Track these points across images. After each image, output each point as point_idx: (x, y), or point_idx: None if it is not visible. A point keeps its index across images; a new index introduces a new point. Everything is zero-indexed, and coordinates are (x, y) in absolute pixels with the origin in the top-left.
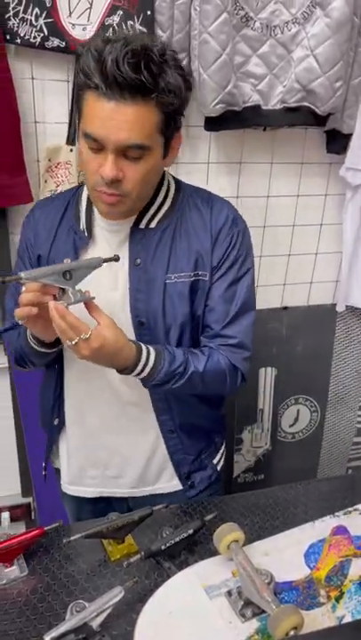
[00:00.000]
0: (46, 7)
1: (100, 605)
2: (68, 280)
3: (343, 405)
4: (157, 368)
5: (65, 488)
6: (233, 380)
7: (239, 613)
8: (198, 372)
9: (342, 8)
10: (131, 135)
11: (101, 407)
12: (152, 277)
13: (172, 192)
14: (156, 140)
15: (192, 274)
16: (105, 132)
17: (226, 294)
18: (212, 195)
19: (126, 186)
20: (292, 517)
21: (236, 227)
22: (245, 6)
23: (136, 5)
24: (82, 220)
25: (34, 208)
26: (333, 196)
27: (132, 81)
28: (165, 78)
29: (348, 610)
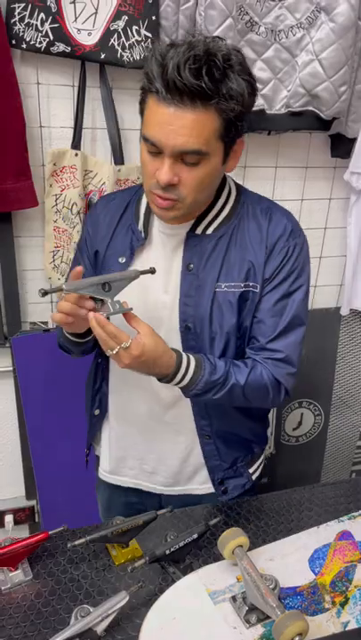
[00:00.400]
0: (52, 12)
1: (104, 610)
2: (107, 292)
3: (347, 409)
4: (197, 377)
5: (102, 475)
6: (276, 395)
7: (244, 619)
8: (240, 384)
9: (347, 13)
10: (188, 141)
11: (142, 405)
12: (203, 284)
13: (232, 199)
14: (215, 146)
15: (242, 284)
16: (163, 137)
17: (276, 307)
18: (273, 204)
19: (182, 191)
20: (297, 522)
21: (294, 239)
22: (250, 11)
23: (141, 11)
24: (140, 220)
25: (96, 203)
26: (338, 200)
27: (191, 87)
28: (227, 84)
29: (352, 616)
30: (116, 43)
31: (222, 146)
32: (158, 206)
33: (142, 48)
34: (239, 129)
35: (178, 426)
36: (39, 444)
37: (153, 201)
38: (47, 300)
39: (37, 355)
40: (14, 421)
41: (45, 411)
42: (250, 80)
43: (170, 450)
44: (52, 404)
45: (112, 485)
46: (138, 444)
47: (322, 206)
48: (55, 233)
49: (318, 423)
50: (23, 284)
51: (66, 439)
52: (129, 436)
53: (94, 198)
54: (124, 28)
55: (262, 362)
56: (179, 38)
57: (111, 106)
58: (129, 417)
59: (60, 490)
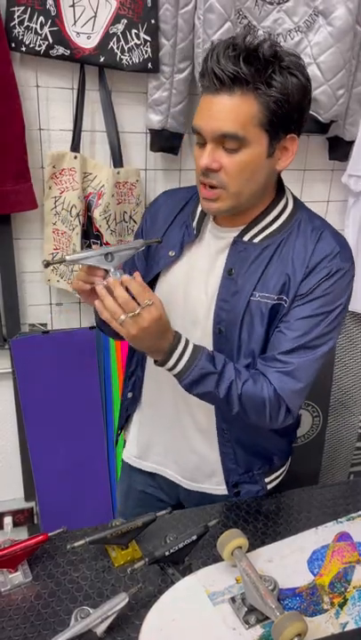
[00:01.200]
0: (51, 16)
1: (104, 612)
2: (109, 261)
3: (345, 411)
4: (193, 361)
5: (128, 458)
6: (274, 412)
7: (243, 620)
8: (237, 388)
9: (345, 17)
10: (224, 124)
11: (171, 396)
12: (239, 290)
13: (287, 212)
14: (255, 133)
15: (276, 297)
16: (203, 123)
17: (302, 322)
18: (327, 226)
19: (223, 177)
20: (296, 523)
21: (340, 262)
22: (248, 15)
23: (140, 14)
24: (196, 218)
25: (160, 195)
26: (336, 203)
27: (227, 72)
28: (268, 73)
29: (351, 617)
30: (115, 46)
31: (265, 136)
32: (204, 197)
33: (141, 51)
34: (287, 122)
35: (201, 423)
36: (38, 445)
37: (200, 193)
38: (46, 302)
39: (36, 356)
40: (13, 423)
41: (44, 412)
42: (300, 77)
43: (191, 444)
44: (51, 406)
45: (134, 471)
46: (164, 432)
47: (320, 209)
48: (54, 235)
49: (317, 425)
50: (22, 285)
51: (65, 441)
52: (157, 424)
53: (93, 201)
54: (123, 32)
55: (268, 374)
56: (178, 42)
57: (110, 109)
58: (159, 405)
59: (58, 492)
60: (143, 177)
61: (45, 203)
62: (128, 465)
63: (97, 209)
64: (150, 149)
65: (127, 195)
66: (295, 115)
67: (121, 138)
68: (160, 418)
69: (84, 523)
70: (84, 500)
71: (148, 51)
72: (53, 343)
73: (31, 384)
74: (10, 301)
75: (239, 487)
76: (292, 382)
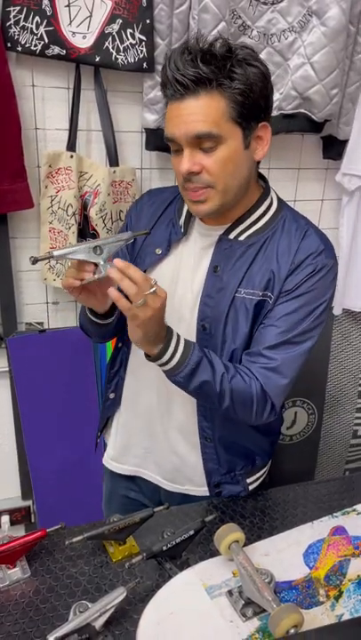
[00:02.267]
0: (47, 16)
1: (102, 606)
2: (98, 255)
3: (340, 408)
4: (186, 355)
5: (106, 462)
6: (261, 408)
7: (240, 613)
8: (227, 382)
9: (338, 17)
10: (196, 126)
11: (151, 395)
12: (224, 287)
13: (271, 211)
14: (228, 128)
15: (260, 293)
16: (175, 129)
17: (287, 318)
18: (311, 226)
19: (206, 177)
20: (292, 518)
21: (324, 259)
22: (243, 15)
23: (135, 14)
24: (183, 216)
25: (144, 194)
26: (330, 201)
27: (189, 75)
28: (227, 68)
29: (346, 609)
30: (111, 46)
31: (238, 128)
32: (192, 199)
33: (137, 51)
34: (255, 111)
35: (181, 423)
36: (35, 444)
37: (187, 197)
38: (43, 301)
39: (33, 355)
40: (10, 422)
41: (41, 411)
42: (258, 66)
43: (172, 445)
44: (48, 405)
45: (114, 475)
46: (143, 433)
47: (314, 207)
48: (51, 234)
49: (312, 422)
50: (19, 284)
51: (62, 439)
52: (135, 424)
53: (89, 200)
54: (118, 32)
55: (254, 371)
56: (173, 41)
57: (106, 108)
58: (138, 405)
59: (56, 490)
60: (139, 176)
61: (42, 202)
62: (109, 470)
63: (93, 208)
64: (146, 148)
65: (123, 193)
66: (262, 102)
67: (117, 137)
68: (139, 418)
69: (80, 521)
70: (81, 498)
71: (143, 50)
72: (50, 342)
73: (28, 383)
74: (6, 300)
75: (220, 487)
76: (276, 378)
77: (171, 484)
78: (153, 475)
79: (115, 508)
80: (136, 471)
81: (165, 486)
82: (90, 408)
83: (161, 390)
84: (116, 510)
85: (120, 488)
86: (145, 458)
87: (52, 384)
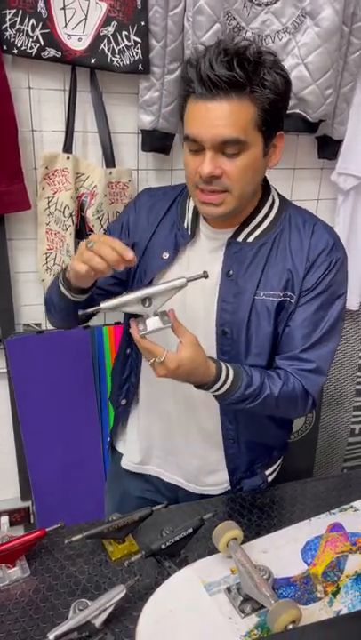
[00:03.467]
0: (42, 18)
1: (102, 604)
2: (147, 307)
3: (337, 407)
4: (234, 389)
5: (127, 465)
6: (303, 406)
7: (239, 609)
8: (273, 395)
9: (332, 17)
10: (225, 130)
11: (172, 400)
12: (241, 291)
13: (275, 209)
14: (253, 136)
15: (281, 294)
16: (202, 130)
17: (312, 318)
18: (315, 218)
19: (226, 181)
20: (289, 515)
21: (336, 253)
22: (237, 16)
23: (130, 16)
24: (187, 218)
25: (141, 194)
26: (325, 201)
27: (224, 77)
28: (259, 74)
29: (344, 604)
30: (106, 48)
31: (261, 137)
32: (206, 201)
33: (132, 53)
34: (277, 120)
35: (205, 426)
36: (34, 445)
37: (199, 198)
38: (40, 302)
39: (31, 356)
40: (9, 423)
41: (40, 412)
42: (283, 74)
43: (192, 448)
44: (47, 406)
45: (131, 477)
46: (163, 437)
47: (310, 207)
48: (48, 235)
49: (310, 421)
50: (16, 286)
51: (60, 440)
52: (155, 429)
53: (86, 201)
54: (113, 34)
55: (293, 373)
56: (168, 43)
57: (102, 109)
58: (160, 410)
59: (55, 491)
60: (135, 177)
61: (39, 203)
62: (124, 471)
63: (90, 209)
64: (142, 149)
65: (120, 195)
66: (284, 111)
67: (113, 138)
68: (159, 423)
69: (79, 522)
70: (80, 499)
71: (138, 52)
72: (48, 343)
73: (26, 384)
74: (4, 302)
75: (241, 483)
76: (316, 378)
77: (193, 486)
78: (175, 477)
79: (128, 509)
80: (159, 472)
81: (186, 487)
82: (88, 408)
83: (178, 396)
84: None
85: (136, 490)
86: (166, 460)
87: (50, 385)
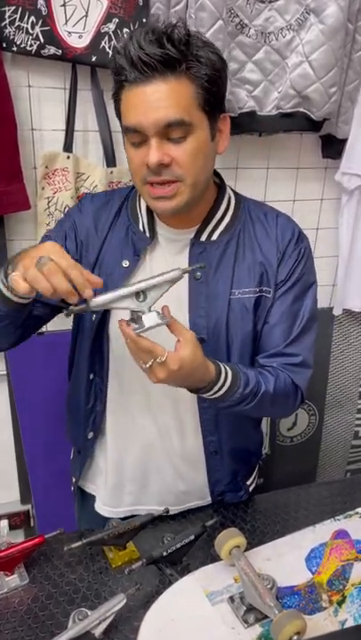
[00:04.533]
0: (42, 15)
1: (102, 613)
2: (141, 302)
3: (341, 409)
4: (233, 389)
5: (99, 508)
6: (294, 401)
7: (242, 619)
8: (269, 392)
9: (336, 14)
10: (168, 112)
11: (145, 426)
12: (214, 293)
13: (232, 205)
14: (197, 116)
15: (257, 289)
16: (142, 116)
17: (290, 310)
18: (274, 209)
19: (176, 169)
20: (293, 522)
21: (302, 242)
22: (240, 13)
23: (132, 13)
24: (141, 221)
25: (83, 199)
26: (329, 201)
27: (156, 56)
28: (192, 50)
29: (350, 614)
30: (107, 45)
31: (205, 118)
32: (158, 195)
33: None
34: (218, 100)
35: (184, 445)
36: (33, 447)
37: (150, 193)
38: None
39: (31, 358)
40: (8, 425)
41: (40, 414)
42: (216, 52)
43: (175, 470)
44: (47, 408)
45: (106, 520)
46: (138, 467)
47: (314, 207)
48: None
49: (313, 423)
50: None
51: (60, 443)
52: (128, 460)
53: None
54: (114, 31)
55: (281, 368)
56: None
57: (102, 108)
58: (131, 439)
59: (55, 494)
60: None
61: (39, 203)
62: (101, 516)
63: None
64: None
65: None
66: (223, 90)
67: (114, 137)
68: (133, 452)
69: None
70: None
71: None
72: (48, 344)
73: (26, 386)
74: None
75: (224, 496)
76: (304, 371)
77: (174, 507)
78: (150, 507)
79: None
80: (132, 510)
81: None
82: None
83: (156, 417)
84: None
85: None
86: (139, 493)
87: (50, 387)
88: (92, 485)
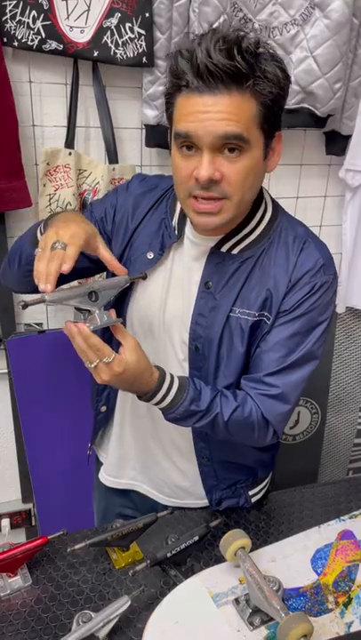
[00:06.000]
0: (44, 10)
1: (106, 615)
2: (94, 302)
3: (344, 407)
4: (178, 401)
5: (102, 478)
6: (262, 434)
7: (247, 621)
8: (223, 418)
9: (341, 9)
10: (228, 125)
11: (148, 415)
12: (218, 305)
13: (267, 218)
14: (255, 134)
15: (257, 313)
16: (199, 127)
17: (286, 342)
18: (309, 234)
19: (226, 187)
20: (298, 522)
21: (323, 276)
22: (244, 8)
23: (134, 8)
24: (176, 216)
25: (133, 178)
26: (333, 198)
27: (224, 67)
28: (261, 66)
29: (356, 616)
30: (110, 40)
31: (262, 136)
32: (202, 210)
33: (136, 45)
34: (277, 118)
35: (179, 442)
36: (35, 446)
37: (193, 207)
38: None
39: (32, 356)
40: (10, 424)
41: (41, 413)
42: (283, 68)
43: (169, 461)
44: (48, 406)
45: (110, 492)
46: (141, 447)
47: (317, 204)
48: None
49: (315, 421)
50: None
51: (62, 441)
52: (134, 439)
53: (88, 198)
54: (117, 26)
55: (255, 397)
56: (173, 35)
57: (104, 104)
58: (136, 420)
59: (56, 493)
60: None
61: (40, 200)
62: (104, 486)
63: None
64: (146, 145)
65: None
66: (282, 102)
67: (116, 134)
68: (137, 432)
69: (82, 524)
70: (82, 500)
71: (142, 45)
72: (49, 343)
73: (27, 384)
74: (5, 301)
75: (222, 502)
76: (278, 406)
77: (168, 499)
78: (150, 489)
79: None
80: (133, 485)
81: (163, 501)
82: (90, 409)
83: (153, 410)
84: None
85: (115, 506)
86: (141, 472)
87: (51, 385)
88: (103, 453)
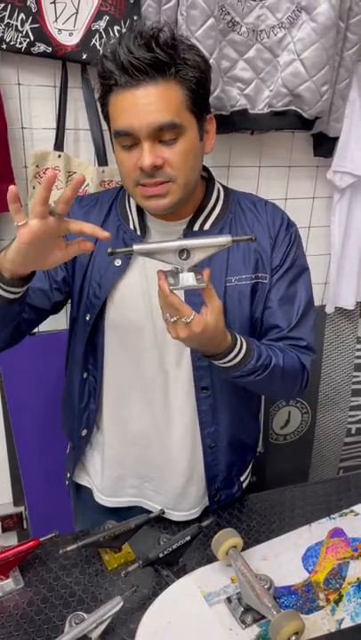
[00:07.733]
0: (32, 13)
1: (99, 616)
2: (184, 260)
3: (334, 406)
4: (247, 359)
5: (99, 499)
6: (301, 381)
7: (239, 620)
8: (280, 366)
9: (328, 12)
10: (159, 115)
11: (142, 420)
12: (210, 280)
13: (222, 196)
14: (187, 118)
15: (253, 276)
16: (134, 120)
17: (288, 294)
18: (261, 198)
19: (169, 170)
20: (289, 521)
21: (292, 227)
22: (231, 11)
23: (123, 11)
24: (131, 219)
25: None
26: (321, 199)
27: (146, 60)
28: (180, 53)
29: (347, 613)
30: (98, 43)
31: (194, 119)
32: (150, 194)
33: None
34: (205, 101)
35: (181, 439)
36: (26, 449)
37: (143, 194)
38: None
39: (23, 359)
40: (0, 427)
41: (32, 415)
42: (201, 54)
43: (174, 467)
44: (39, 409)
45: (106, 512)
46: (138, 461)
47: (305, 205)
48: None
49: (306, 421)
50: None
51: (53, 444)
52: (128, 454)
53: None
54: (105, 29)
55: (289, 348)
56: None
57: (93, 106)
58: (128, 434)
59: (48, 496)
60: None
61: (29, 203)
62: (97, 506)
63: None
64: None
65: None
66: (207, 86)
67: (105, 136)
68: (132, 447)
69: (73, 527)
70: None
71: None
72: (40, 345)
73: (18, 387)
74: None
75: (219, 494)
76: (310, 354)
77: (172, 512)
78: (153, 504)
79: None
80: (136, 502)
81: (169, 516)
82: None
83: (153, 410)
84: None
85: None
86: (142, 487)
87: (42, 387)
88: (87, 478)
